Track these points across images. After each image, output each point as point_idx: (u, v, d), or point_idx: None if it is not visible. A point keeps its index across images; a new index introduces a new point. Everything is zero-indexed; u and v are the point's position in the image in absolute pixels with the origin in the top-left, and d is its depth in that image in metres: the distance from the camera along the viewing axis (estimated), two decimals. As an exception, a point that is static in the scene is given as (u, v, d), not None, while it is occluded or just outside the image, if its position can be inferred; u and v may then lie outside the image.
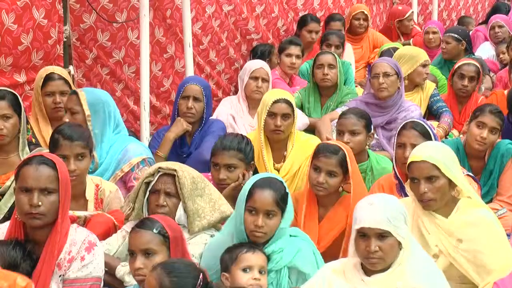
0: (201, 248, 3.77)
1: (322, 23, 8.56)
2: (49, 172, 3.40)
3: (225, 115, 5.97)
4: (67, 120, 4.62)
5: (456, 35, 7.73)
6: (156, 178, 3.82)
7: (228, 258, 3.45)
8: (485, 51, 8.79)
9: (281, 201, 3.61)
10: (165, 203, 3.78)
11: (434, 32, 8.48)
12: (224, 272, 3.45)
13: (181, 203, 3.80)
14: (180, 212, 3.79)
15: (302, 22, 8.00)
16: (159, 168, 3.83)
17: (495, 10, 10.29)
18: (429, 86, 6.73)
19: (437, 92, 6.73)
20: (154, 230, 3.33)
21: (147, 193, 3.84)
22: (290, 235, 3.70)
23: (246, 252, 3.43)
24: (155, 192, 3.81)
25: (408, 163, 3.88)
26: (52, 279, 3.39)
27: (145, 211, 3.84)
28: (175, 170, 3.79)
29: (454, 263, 3.74)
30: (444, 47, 7.79)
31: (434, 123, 6.01)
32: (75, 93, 4.71)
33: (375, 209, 3.33)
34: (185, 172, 3.82)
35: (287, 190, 3.69)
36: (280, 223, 3.62)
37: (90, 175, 4.48)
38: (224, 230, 3.79)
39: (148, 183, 3.84)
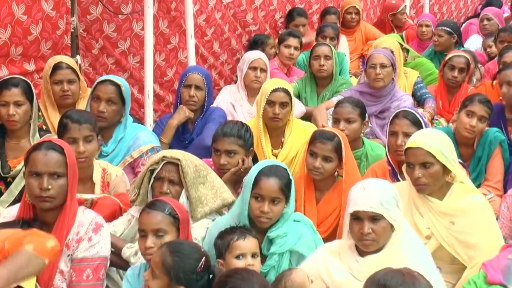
0: (203, 231, 3.78)
1: (318, 16, 8.57)
2: (58, 157, 3.42)
3: (225, 103, 5.98)
4: (102, 109, 4.67)
5: (448, 29, 7.73)
6: (160, 166, 3.82)
7: (221, 245, 3.44)
8: (474, 43, 8.82)
9: (286, 188, 3.62)
10: (168, 190, 3.78)
11: (427, 25, 8.48)
12: (218, 258, 3.45)
13: (184, 190, 3.81)
14: (183, 199, 3.78)
15: (290, 18, 8.01)
16: (164, 156, 3.83)
17: (488, 4, 10.27)
18: (413, 74, 6.78)
19: (421, 80, 6.78)
20: (166, 211, 3.35)
21: (152, 180, 3.85)
22: (294, 220, 3.71)
23: (237, 239, 3.41)
24: (159, 180, 3.81)
25: (405, 148, 3.90)
26: (61, 259, 3.41)
27: (149, 197, 3.84)
28: (179, 160, 3.79)
29: (444, 244, 3.77)
30: (436, 39, 7.78)
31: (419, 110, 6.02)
32: (112, 83, 4.75)
33: (369, 193, 3.33)
34: (189, 161, 3.82)
35: (290, 177, 3.70)
36: (284, 208, 3.64)
37: (101, 159, 4.52)
38: (231, 212, 3.79)
39: (152, 171, 3.85)
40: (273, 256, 3.58)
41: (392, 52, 6.37)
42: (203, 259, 3.10)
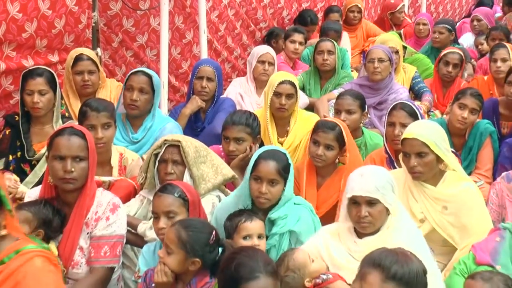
0: (209, 207, 3.78)
1: (321, 14, 8.54)
2: (80, 141, 3.42)
3: (235, 94, 5.97)
4: (135, 98, 4.68)
5: (449, 26, 7.70)
6: (163, 150, 3.83)
7: (230, 227, 3.45)
8: (466, 40, 8.81)
9: (283, 171, 3.60)
10: (172, 170, 3.78)
11: (424, 24, 8.43)
12: (227, 239, 3.45)
13: (186, 170, 3.81)
14: (186, 178, 3.79)
15: (302, 22, 7.98)
16: (165, 140, 3.84)
17: (479, 4, 10.20)
18: (411, 70, 6.76)
19: (418, 75, 6.76)
20: (175, 194, 3.35)
21: (156, 163, 3.86)
22: (294, 203, 3.70)
23: (244, 221, 3.42)
24: (163, 162, 3.82)
25: (401, 139, 3.90)
26: (80, 236, 3.43)
27: (156, 180, 3.86)
28: (179, 141, 3.80)
29: (437, 228, 3.76)
30: (437, 36, 7.72)
31: (416, 103, 6.01)
32: (144, 73, 4.77)
33: (365, 179, 3.33)
34: (188, 142, 3.83)
35: (289, 161, 3.69)
36: (283, 190, 3.63)
37: (131, 146, 4.59)
38: (233, 194, 3.80)
39: (156, 155, 3.86)
40: (274, 236, 3.57)
41: (397, 51, 6.36)
42: (214, 232, 3.12)
